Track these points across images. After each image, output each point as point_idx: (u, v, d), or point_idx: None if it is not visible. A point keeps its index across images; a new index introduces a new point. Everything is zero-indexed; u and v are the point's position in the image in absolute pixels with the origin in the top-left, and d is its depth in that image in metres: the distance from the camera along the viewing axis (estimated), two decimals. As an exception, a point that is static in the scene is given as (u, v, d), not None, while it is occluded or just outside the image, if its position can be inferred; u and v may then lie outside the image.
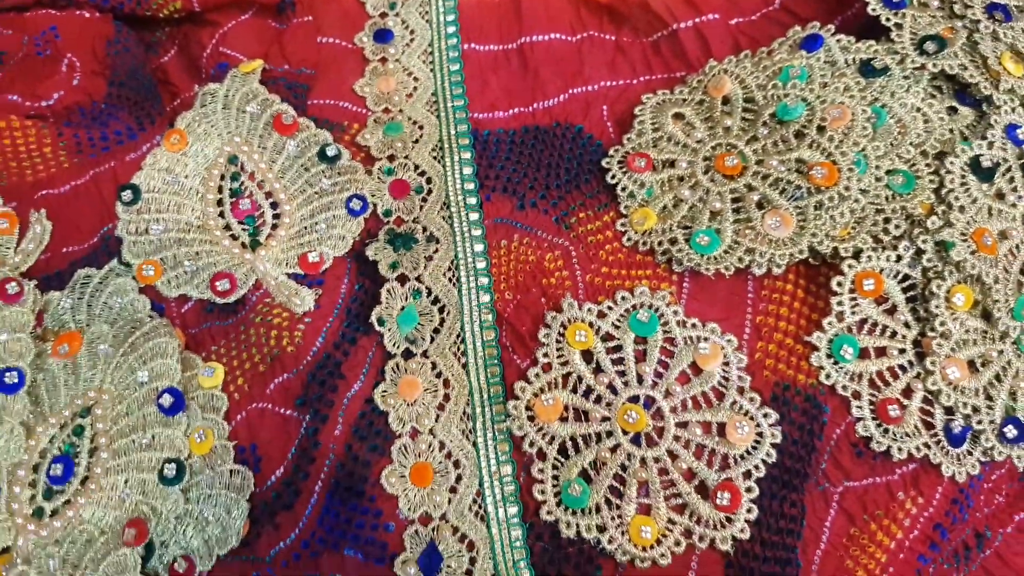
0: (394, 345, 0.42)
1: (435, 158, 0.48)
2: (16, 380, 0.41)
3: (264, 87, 0.48)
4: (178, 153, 0.46)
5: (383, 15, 0.53)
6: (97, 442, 0.40)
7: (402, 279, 0.44)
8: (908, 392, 0.41)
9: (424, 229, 0.45)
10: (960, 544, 0.41)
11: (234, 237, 0.45)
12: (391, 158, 0.48)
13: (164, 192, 0.46)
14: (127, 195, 0.45)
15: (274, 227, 0.45)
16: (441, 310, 0.43)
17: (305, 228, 0.45)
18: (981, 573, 0.42)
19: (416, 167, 0.47)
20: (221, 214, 0.45)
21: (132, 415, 0.41)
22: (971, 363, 0.42)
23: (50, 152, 0.47)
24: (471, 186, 0.46)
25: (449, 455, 0.40)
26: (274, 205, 0.46)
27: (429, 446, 0.40)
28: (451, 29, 0.52)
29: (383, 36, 0.52)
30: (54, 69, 0.46)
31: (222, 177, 0.46)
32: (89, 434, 0.40)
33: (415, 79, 0.51)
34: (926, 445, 0.40)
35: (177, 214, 0.45)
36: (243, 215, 0.45)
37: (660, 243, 0.44)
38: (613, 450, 0.40)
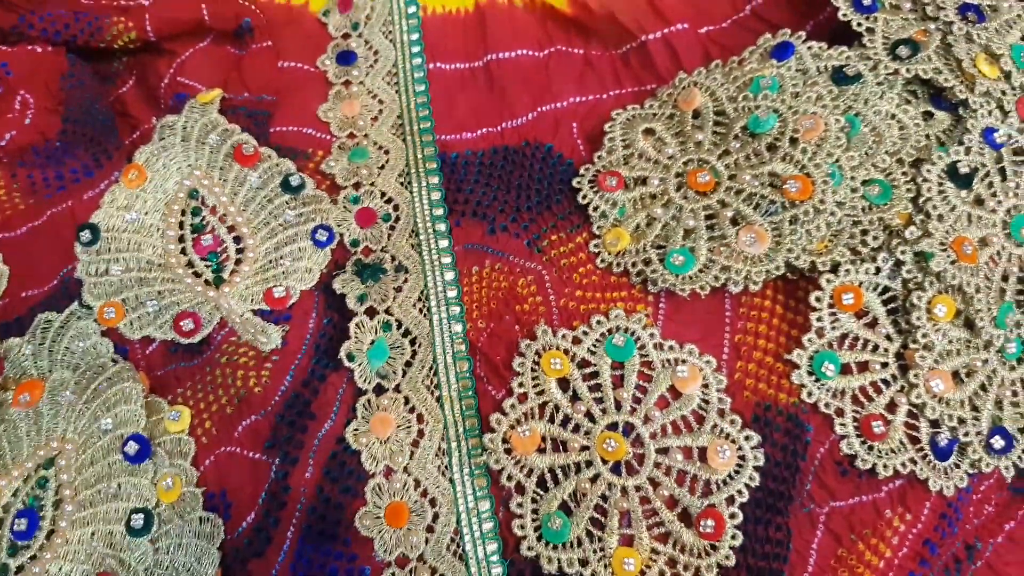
0: (365, 381, 0.41)
1: (402, 184, 0.47)
2: (-24, 433, 0.40)
3: (224, 117, 0.47)
4: (137, 189, 0.45)
5: (346, 36, 0.52)
6: (62, 494, 0.39)
7: (371, 312, 0.43)
8: (892, 407, 0.41)
9: (393, 258, 0.44)
10: (950, 558, 0.41)
11: (197, 274, 0.44)
12: (356, 186, 0.47)
13: (124, 231, 0.45)
14: (86, 235, 0.44)
15: (238, 262, 0.44)
16: (412, 342, 0.42)
17: (270, 262, 0.44)
18: (975, 584, 0.41)
19: (383, 194, 0.46)
20: (183, 251, 0.44)
21: (97, 464, 0.40)
22: (955, 374, 0.41)
23: (4, 194, 0.46)
24: (440, 212, 0.46)
25: (425, 493, 0.39)
26: (237, 239, 0.45)
27: (404, 485, 0.39)
28: (415, 48, 0.51)
29: (346, 58, 0.51)
30: (6, 108, 0.45)
31: (183, 212, 0.45)
32: (53, 486, 0.39)
33: (380, 102, 0.50)
34: (912, 460, 0.40)
35: (138, 253, 0.44)
36: (206, 251, 0.44)
37: (634, 264, 0.43)
38: (593, 480, 0.39)
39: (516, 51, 0.50)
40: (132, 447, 0.39)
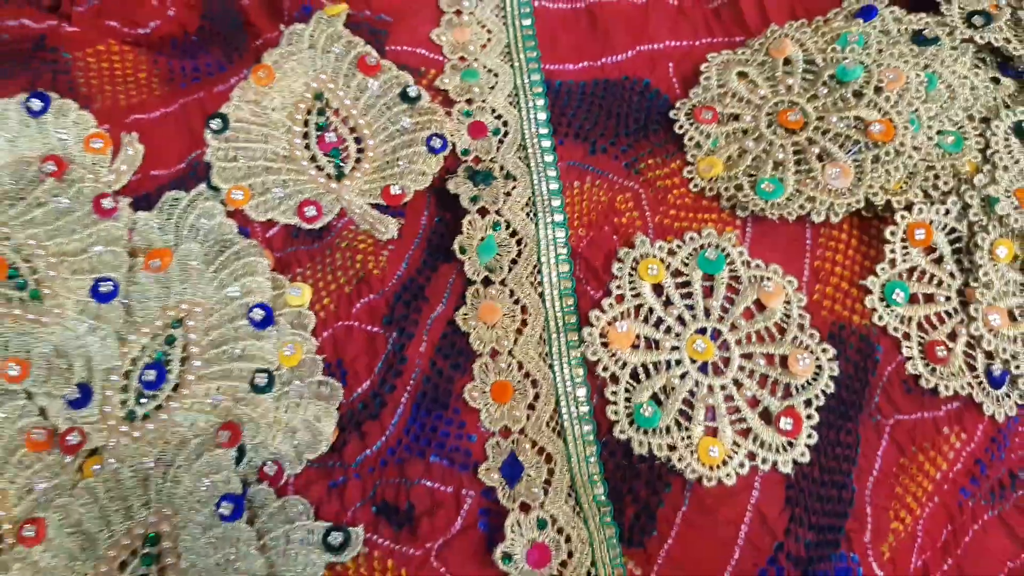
0: (474, 272, 0.45)
1: (511, 104, 0.51)
2: (111, 289, 0.43)
3: (347, 30, 0.51)
4: (265, 87, 0.49)
5: (459, -29, 0.57)
6: (189, 351, 0.42)
7: (482, 212, 0.47)
8: (953, 336, 0.45)
9: (501, 168, 0.48)
10: (996, 482, 0.45)
11: (319, 168, 0.48)
12: (469, 101, 0.51)
13: (252, 123, 0.48)
14: (216, 123, 0.48)
15: (358, 160, 0.48)
16: (519, 242, 0.46)
17: (387, 163, 0.48)
18: (1014, 511, 0.45)
19: (493, 111, 0.50)
20: (307, 146, 0.48)
21: (224, 327, 0.43)
22: (1011, 313, 0.45)
23: (144, 78, 0.49)
24: (545, 131, 0.50)
25: (527, 375, 0.43)
26: (358, 140, 0.48)
27: (508, 366, 0.43)
28: (523, -15, 0.55)
29: (459, -13, 0.55)
30: (150, 1, 0.49)
31: (308, 111, 0.49)
32: (181, 343, 0.43)
33: (488, 31, 0.54)
34: (969, 385, 0.44)
35: (265, 144, 0.48)
36: (329, 147, 0.48)
37: (726, 189, 0.47)
38: (682, 377, 0.43)
39: (616, -6, 0.55)
40: (258, 313, 0.43)
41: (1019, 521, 0.44)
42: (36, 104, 0.47)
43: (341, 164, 0.48)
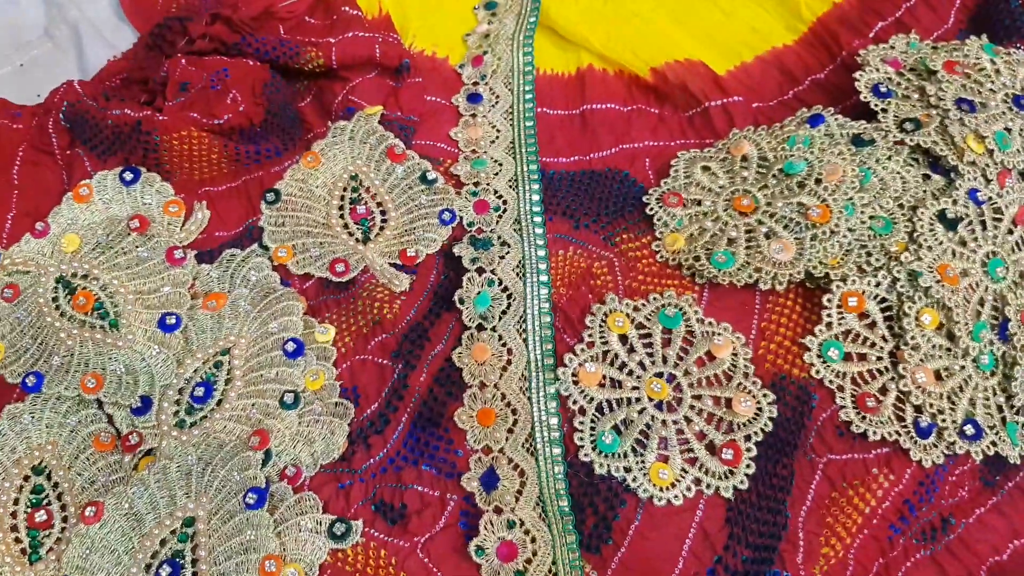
0: (470, 320, 0.56)
1: (511, 187, 0.63)
2: (174, 322, 0.55)
3: (381, 127, 0.64)
4: (311, 169, 0.62)
5: (475, 83, 0.70)
6: (232, 374, 0.53)
7: (480, 271, 0.58)
8: (884, 391, 0.53)
9: (499, 237, 0.59)
10: (927, 525, 0.51)
11: (350, 233, 0.60)
12: (476, 184, 0.63)
13: (299, 196, 0.61)
14: (270, 196, 0.61)
15: (382, 228, 0.60)
16: (509, 297, 0.57)
17: (406, 231, 0.60)
18: (946, 553, 0.51)
19: (496, 192, 0.62)
20: (341, 215, 0.60)
21: (263, 356, 0.54)
22: (937, 373, 0.53)
23: (216, 159, 0.63)
24: (538, 208, 0.61)
25: (509, 404, 0.53)
26: (383, 212, 0.61)
27: (494, 396, 0.53)
28: (529, 96, 0.68)
29: (474, 98, 0.69)
30: (224, 98, 0.63)
31: (344, 189, 0.62)
32: (226, 368, 0.54)
33: (497, 130, 0.67)
34: (897, 432, 0.51)
35: (308, 213, 0.60)
36: (359, 218, 0.60)
37: (686, 259, 0.57)
38: (640, 412, 0.52)
39: (606, 104, 0.68)
40: (291, 346, 0.54)
41: (950, 562, 0.51)
42: (129, 176, 0.61)
43: (368, 230, 0.59)
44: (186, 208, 0.61)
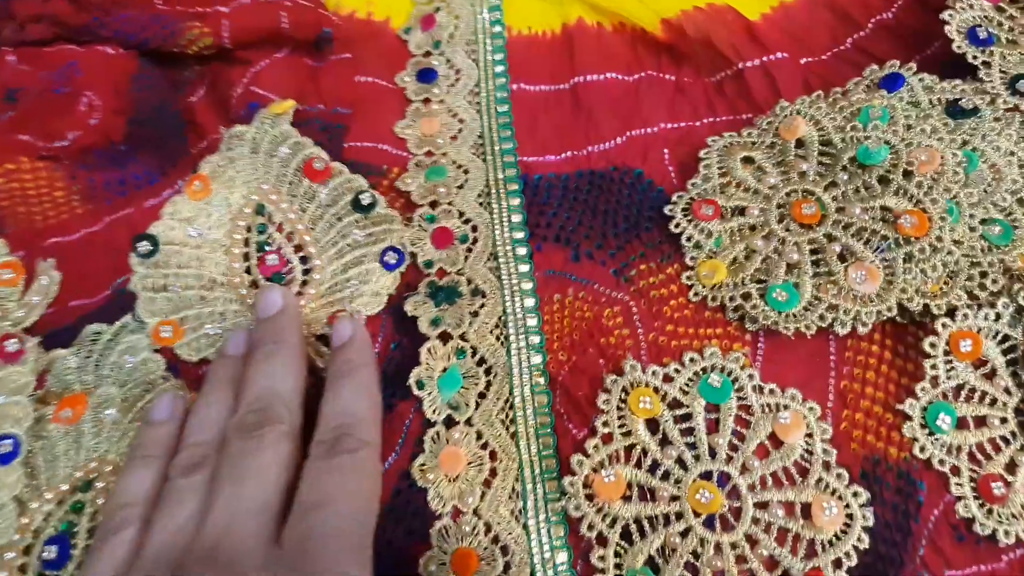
0: (434, 412, 0.41)
1: (481, 204, 0.47)
2: (11, 449, 0.40)
3: (296, 129, 0.48)
4: (201, 202, 0.46)
5: (427, 54, 0.54)
6: (97, 521, 0.39)
7: (444, 337, 0.43)
8: (1012, 467, 0.40)
9: (469, 282, 0.45)
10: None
11: None
12: (433, 204, 0.47)
13: (185, 245, 0.46)
14: (144, 246, 0.45)
15: (303, 284, 0.45)
16: (488, 372, 0.42)
17: (336, 284, 0.45)
18: None
19: (461, 214, 0.47)
20: (247, 270, 0.45)
21: (143, 488, 0.39)
22: (1087, 436, 0.40)
23: (62, 196, 0.47)
24: (520, 235, 0.46)
25: (496, 539, 0.39)
26: (304, 259, 0.45)
27: (473, 529, 0.39)
28: (499, 69, 0.52)
29: (427, 75, 0.53)
30: (71, 107, 0.47)
31: (248, 229, 0.46)
32: (89, 511, 0.39)
33: (460, 120, 0.51)
34: (1039, 530, 0.39)
35: (199, 269, 0.45)
36: (271, 271, 0.45)
37: (732, 298, 0.43)
38: (684, 534, 0.38)
39: (604, 74, 0.52)
40: (181, 471, 0.39)
41: None
42: (-63, 237, 0.45)
43: None
44: (27, 271, 0.45)
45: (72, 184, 0.47)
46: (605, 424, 0.40)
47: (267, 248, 0.46)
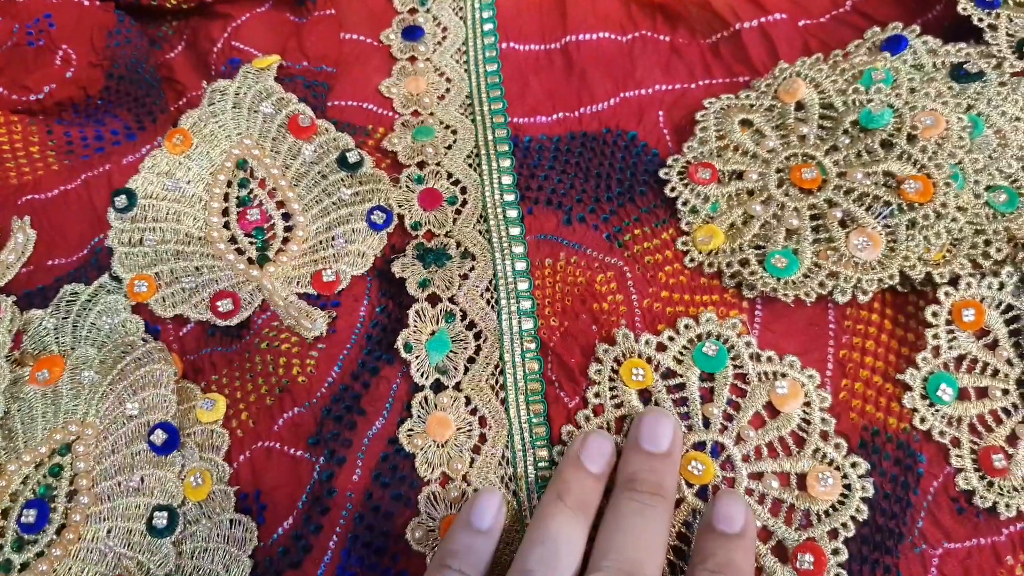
0: (422, 376, 0.38)
1: (470, 166, 0.44)
2: (-14, 411, 0.37)
3: (280, 85, 0.44)
4: (181, 156, 0.43)
5: (412, 11, 0.50)
6: (77, 484, 0.36)
7: (433, 299, 0.40)
8: (1014, 439, 0.37)
9: (458, 244, 0.41)
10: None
11: (240, 251, 0.41)
12: (421, 165, 0.44)
13: (163, 199, 0.42)
14: (121, 201, 0.42)
15: (285, 241, 0.41)
16: (477, 336, 0.39)
17: (320, 243, 0.41)
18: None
19: (449, 175, 0.44)
20: (227, 225, 0.42)
21: (119, 453, 0.36)
22: (1090, 408, 0.37)
23: (37, 152, 0.43)
24: (511, 197, 0.43)
25: (486, 507, 0.36)
26: (286, 216, 0.42)
27: (463, 495, 0.36)
28: (488, 27, 0.49)
29: (412, 33, 0.49)
30: (46, 60, 0.43)
31: (229, 184, 0.43)
32: (68, 475, 0.36)
33: (448, 80, 0.47)
34: (1040, 503, 0.36)
35: (176, 224, 0.41)
36: (251, 227, 0.41)
37: (729, 264, 0.40)
38: (676, 505, 0.35)
39: (597, 34, 0.48)
40: (159, 436, 0.36)
41: None
42: (-91, 187, 0.41)
43: (264, 245, 0.41)
44: (0, 229, 0.42)
45: (48, 139, 0.43)
46: (597, 395, 0.37)
47: (248, 203, 0.42)
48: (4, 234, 0.42)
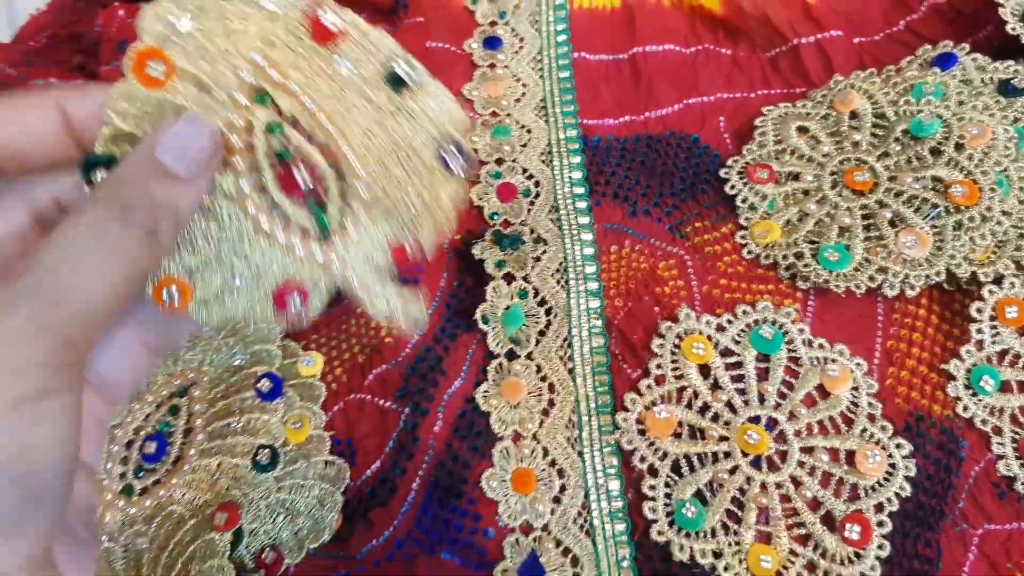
0: (498, 344, 0.40)
1: (543, 162, 0.45)
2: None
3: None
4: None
5: (492, 23, 0.52)
6: (192, 423, 0.38)
7: (508, 278, 0.41)
8: (1055, 431, 0.37)
9: (532, 231, 0.43)
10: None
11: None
12: (499, 161, 0.46)
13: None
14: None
15: (345, 199, 0.36)
16: (548, 312, 0.41)
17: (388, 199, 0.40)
18: None
19: (524, 170, 0.45)
20: (262, 187, 0.34)
21: (230, 398, 0.38)
22: None
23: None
24: (580, 190, 0.44)
25: (553, 463, 0.37)
26: (335, 168, 0.41)
27: (532, 452, 0.37)
28: (561, 38, 0.50)
29: (492, 43, 0.51)
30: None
31: (249, 128, 0.42)
32: (184, 414, 0.38)
33: (524, 85, 0.49)
34: (1078, 491, 0.36)
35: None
36: (301, 192, 0.35)
37: (784, 257, 0.41)
38: (731, 472, 0.36)
39: (663, 46, 0.49)
40: (265, 384, 0.38)
41: None
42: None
43: (322, 212, 0.29)
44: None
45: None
46: (659, 367, 0.38)
47: (286, 157, 0.27)
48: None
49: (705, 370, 0.38)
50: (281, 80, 0.27)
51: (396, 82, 0.28)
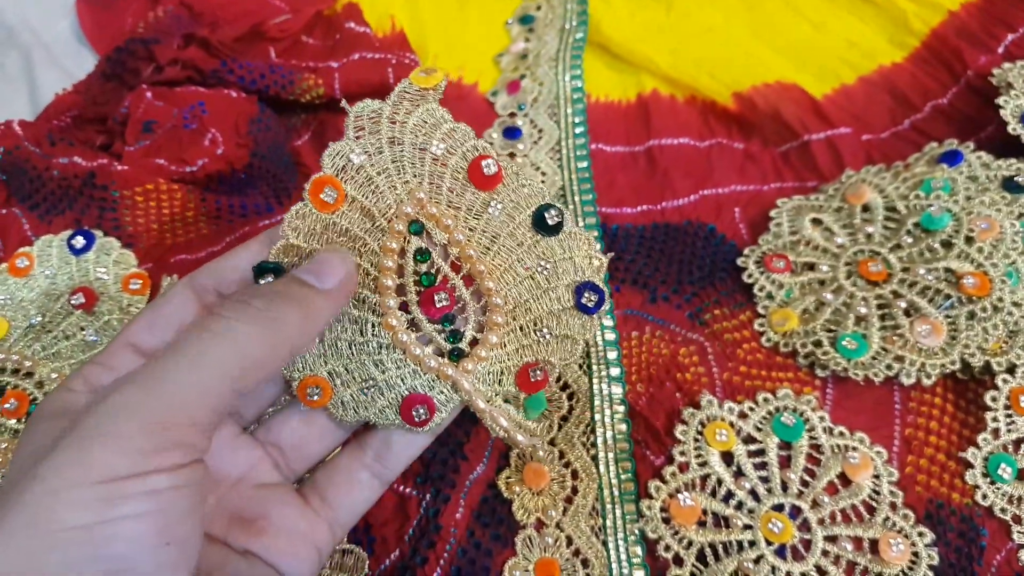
0: (520, 431, 0.43)
1: (564, 250, 0.50)
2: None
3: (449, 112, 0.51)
4: (332, 215, 0.48)
5: (512, 115, 0.58)
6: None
7: (530, 363, 0.45)
8: (1075, 521, 0.40)
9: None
10: None
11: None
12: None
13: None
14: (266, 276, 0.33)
15: (480, 328, 0.35)
16: (570, 397, 0.44)
17: (521, 329, 0.35)
18: None
19: (545, 256, 0.49)
20: (403, 306, 0.34)
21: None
22: None
23: (192, 216, 0.50)
24: (601, 277, 0.48)
25: (577, 552, 0.40)
26: (477, 296, 0.35)
27: (556, 540, 0.40)
28: (579, 129, 0.56)
29: (511, 133, 0.56)
30: (199, 140, 0.51)
31: (402, 253, 0.37)
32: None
33: (543, 174, 0.54)
34: (1102, 582, 0.39)
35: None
36: (439, 314, 0.34)
37: (803, 345, 0.44)
38: (756, 561, 0.39)
39: (678, 139, 0.55)
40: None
41: None
42: (79, 242, 0.48)
43: (457, 336, 0.35)
44: (152, 283, 0.48)
45: (201, 206, 0.50)
46: (682, 454, 0.42)
47: (432, 282, 0.34)
48: (156, 289, 0.48)
49: (728, 457, 0.41)
50: (436, 213, 0.34)
51: (543, 226, 0.34)
